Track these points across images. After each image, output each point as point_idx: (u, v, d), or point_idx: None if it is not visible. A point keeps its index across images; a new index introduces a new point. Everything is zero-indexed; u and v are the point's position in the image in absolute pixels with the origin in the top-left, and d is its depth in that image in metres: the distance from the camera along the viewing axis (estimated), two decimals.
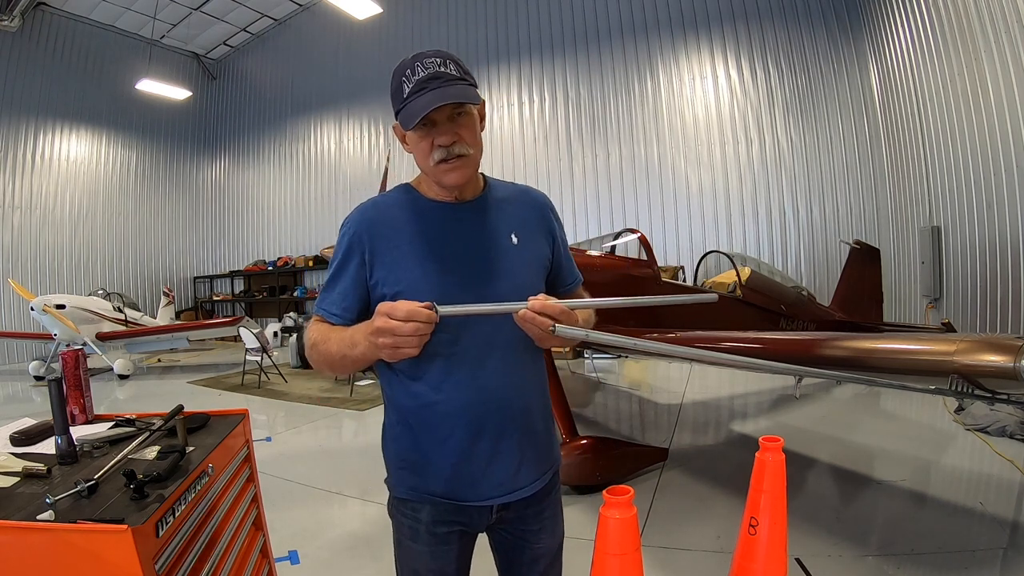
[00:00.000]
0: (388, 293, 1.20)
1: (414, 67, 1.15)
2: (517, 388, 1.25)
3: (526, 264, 1.28)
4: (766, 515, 1.87)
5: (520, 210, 1.33)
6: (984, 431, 4.46)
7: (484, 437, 1.22)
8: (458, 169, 1.19)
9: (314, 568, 2.80)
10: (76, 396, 1.66)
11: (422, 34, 12.21)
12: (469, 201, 1.28)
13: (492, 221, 1.28)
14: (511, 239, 1.27)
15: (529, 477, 1.28)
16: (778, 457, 1.90)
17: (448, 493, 1.24)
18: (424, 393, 1.22)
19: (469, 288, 1.20)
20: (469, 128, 1.18)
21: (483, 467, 1.23)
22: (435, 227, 1.24)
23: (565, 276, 1.40)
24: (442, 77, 1.13)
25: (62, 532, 0.99)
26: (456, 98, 1.13)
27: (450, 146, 1.16)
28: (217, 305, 14.59)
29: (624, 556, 1.27)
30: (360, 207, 1.29)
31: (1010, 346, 1.92)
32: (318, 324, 1.25)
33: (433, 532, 1.27)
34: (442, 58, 1.15)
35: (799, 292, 6.17)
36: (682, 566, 2.72)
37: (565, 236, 1.42)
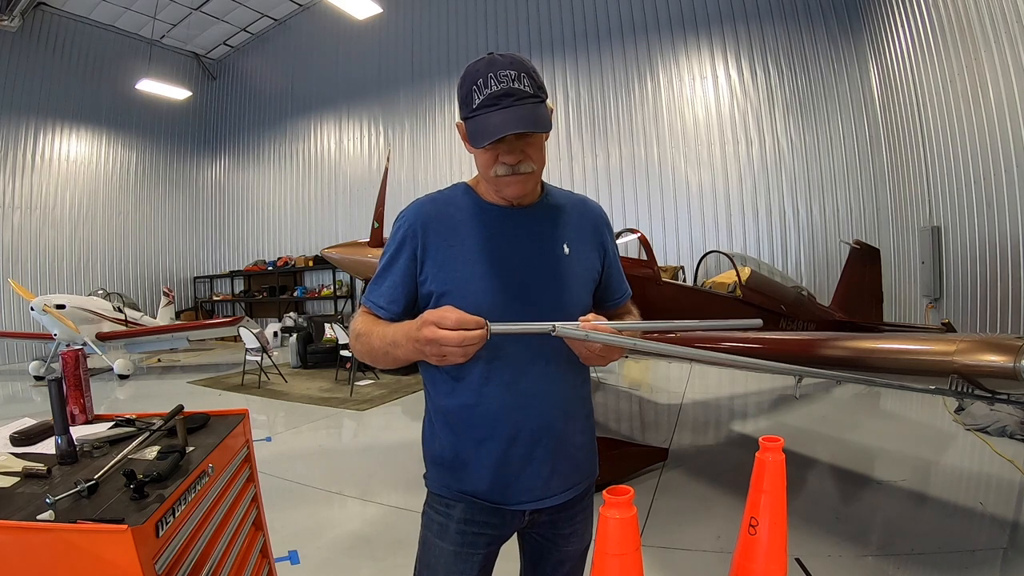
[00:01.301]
0: (436, 291, 1.20)
1: (487, 78, 1.11)
2: (558, 398, 1.25)
3: (576, 275, 1.27)
4: (766, 515, 1.87)
5: (575, 220, 1.32)
6: (984, 431, 4.46)
7: (519, 443, 1.22)
8: (519, 184, 1.19)
9: (314, 568, 2.80)
10: (76, 396, 1.66)
11: (422, 34, 12.22)
12: (526, 207, 1.27)
13: (547, 229, 1.27)
14: (564, 248, 1.26)
15: (561, 486, 1.28)
16: (778, 457, 1.90)
17: (482, 494, 1.25)
18: (465, 394, 1.22)
19: (518, 294, 1.20)
20: (536, 146, 1.17)
21: (516, 472, 1.23)
22: (490, 230, 1.23)
23: (614, 291, 1.39)
24: (515, 95, 1.10)
25: (62, 532, 0.99)
26: (528, 126, 1.10)
27: (515, 164, 1.16)
28: (217, 305, 14.59)
29: (624, 556, 1.27)
30: (417, 201, 1.27)
31: (1010, 346, 1.92)
32: (364, 316, 1.25)
33: (463, 531, 1.26)
34: (517, 70, 1.11)
35: (799, 292, 6.16)
36: (682, 566, 2.72)
37: (617, 250, 1.41)
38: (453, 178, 13.10)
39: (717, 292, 5.37)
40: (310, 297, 13.29)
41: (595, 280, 1.33)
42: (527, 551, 1.41)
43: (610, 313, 1.39)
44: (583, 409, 1.34)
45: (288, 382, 7.82)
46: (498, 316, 1.09)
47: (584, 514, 1.38)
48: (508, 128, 1.09)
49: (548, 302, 1.21)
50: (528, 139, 1.15)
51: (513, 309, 1.17)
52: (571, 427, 1.29)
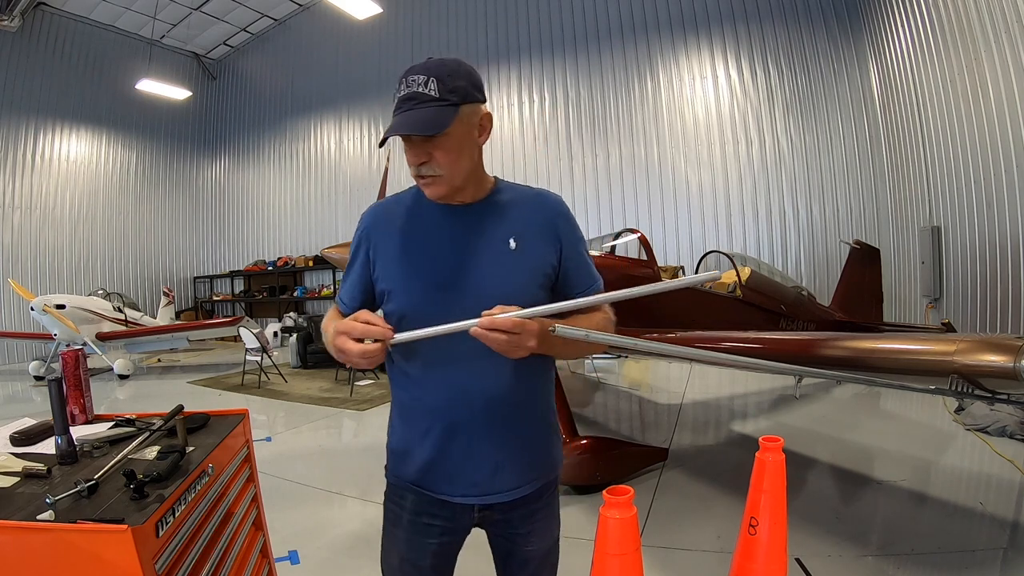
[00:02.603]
0: (383, 289, 1.28)
1: (401, 82, 1.17)
2: (500, 391, 1.23)
3: (522, 270, 1.25)
4: (766, 515, 1.87)
5: (525, 214, 1.30)
6: (984, 431, 4.46)
7: (459, 436, 1.23)
8: (430, 186, 1.22)
9: (314, 568, 2.80)
10: (76, 396, 1.66)
11: (422, 34, 12.22)
12: (471, 204, 1.28)
13: (490, 225, 1.27)
14: (509, 243, 1.25)
15: (509, 482, 1.26)
16: (778, 457, 1.90)
17: (427, 485, 1.27)
18: (411, 387, 1.28)
19: (451, 290, 1.22)
20: (443, 148, 1.17)
21: (458, 465, 1.24)
22: (426, 228, 1.27)
23: (574, 282, 1.34)
24: (416, 99, 1.14)
25: (62, 532, 0.99)
26: (408, 129, 1.14)
27: (419, 166, 1.19)
28: (217, 305, 14.58)
29: (624, 556, 1.27)
30: (373, 204, 1.37)
31: (1010, 346, 1.92)
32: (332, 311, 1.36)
33: (414, 521, 1.30)
34: (428, 75, 1.14)
35: (799, 292, 6.16)
36: (682, 566, 2.72)
37: (579, 240, 1.37)
38: None
39: (717, 292, 5.37)
40: (310, 297, 13.29)
41: (549, 274, 1.29)
42: (493, 549, 1.40)
43: None
44: (533, 406, 1.32)
45: (288, 382, 7.82)
46: (433, 311, 1.17)
47: (544, 513, 1.36)
48: (395, 131, 1.14)
49: (486, 296, 1.17)
50: (434, 142, 1.16)
51: (450, 304, 1.19)
52: (517, 422, 1.27)
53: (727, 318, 5.11)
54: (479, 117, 1.22)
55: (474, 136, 1.22)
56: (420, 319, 1.18)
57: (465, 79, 1.18)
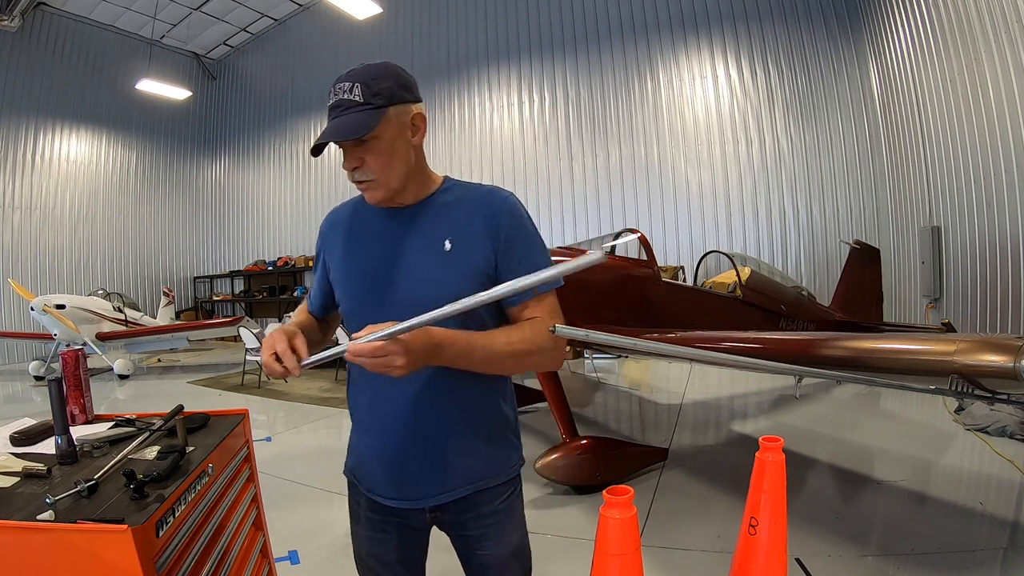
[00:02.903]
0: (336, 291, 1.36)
1: (330, 92, 1.19)
2: (427, 400, 1.22)
3: (455, 271, 1.21)
4: (766, 515, 1.87)
5: (466, 214, 1.25)
6: (984, 431, 4.46)
7: (388, 441, 1.25)
8: (367, 191, 1.24)
9: (314, 568, 2.80)
10: (76, 396, 1.66)
11: (422, 34, 12.22)
12: (411, 206, 1.28)
13: (426, 226, 1.25)
14: (445, 245, 1.22)
15: (438, 487, 1.25)
16: (778, 457, 1.90)
17: (368, 486, 1.31)
18: (353, 390, 1.34)
19: (385, 292, 1.24)
20: (375, 152, 1.17)
21: (393, 469, 1.27)
22: (365, 231, 1.31)
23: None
24: (341, 106, 1.16)
25: (62, 532, 0.99)
26: (333, 136, 1.14)
27: (352, 171, 1.20)
28: (217, 305, 14.58)
29: (624, 556, 1.27)
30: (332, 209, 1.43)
31: (1010, 346, 1.92)
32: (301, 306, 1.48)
33: (370, 518, 1.34)
34: (352, 81, 1.16)
35: (799, 292, 6.16)
36: (682, 566, 2.72)
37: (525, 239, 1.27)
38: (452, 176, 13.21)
39: (717, 292, 5.37)
40: None
41: (487, 274, 1.22)
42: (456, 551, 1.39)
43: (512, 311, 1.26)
44: (469, 411, 1.27)
45: (288, 382, 7.82)
46: (369, 313, 1.19)
47: (496, 518, 1.31)
48: (321, 138, 1.16)
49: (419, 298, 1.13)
50: (366, 145, 1.17)
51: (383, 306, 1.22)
52: (446, 430, 1.24)
53: (727, 318, 5.11)
54: (410, 117, 1.21)
55: (407, 137, 1.21)
56: (359, 320, 1.22)
57: (391, 80, 1.18)
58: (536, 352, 1.22)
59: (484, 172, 11.41)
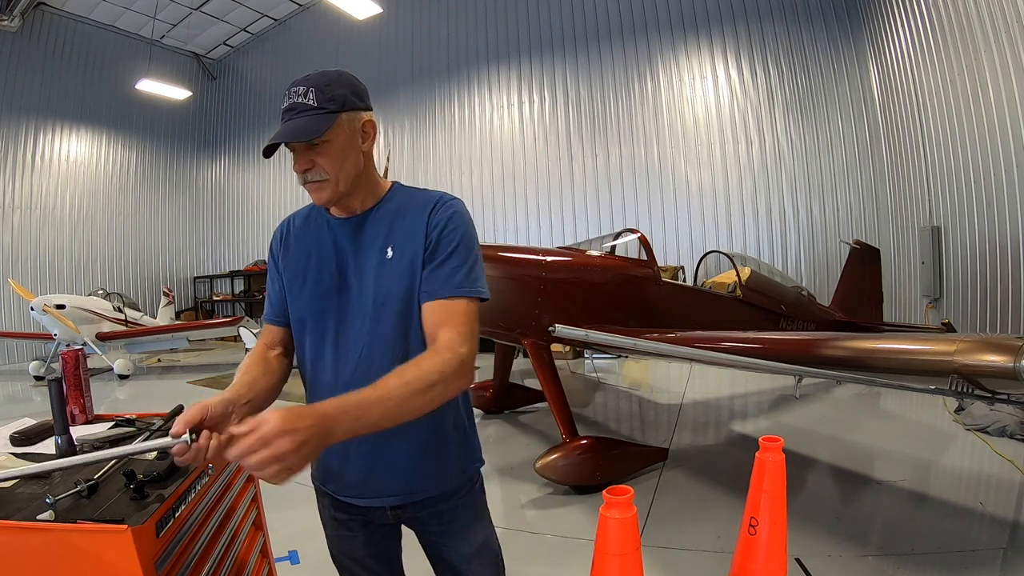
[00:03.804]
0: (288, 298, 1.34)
1: (285, 95, 1.20)
2: None
3: (396, 277, 1.23)
4: (766, 515, 1.87)
5: (408, 220, 1.26)
6: (984, 431, 4.46)
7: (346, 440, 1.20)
8: (316, 191, 1.23)
9: (314, 568, 2.80)
10: (76, 396, 1.66)
11: (422, 34, 12.22)
12: (359, 214, 1.30)
13: (369, 235, 1.28)
14: (387, 252, 1.25)
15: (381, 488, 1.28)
16: (778, 457, 1.90)
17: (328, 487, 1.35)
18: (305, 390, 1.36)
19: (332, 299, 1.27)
20: (326, 155, 1.19)
21: (336, 468, 1.31)
22: (316, 239, 1.32)
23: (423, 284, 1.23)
24: (294, 109, 1.17)
25: (62, 532, 0.99)
26: (287, 137, 1.15)
27: (303, 173, 1.21)
28: (217, 305, 14.58)
29: (624, 556, 1.27)
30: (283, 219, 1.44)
31: (1010, 346, 1.92)
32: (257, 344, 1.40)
33: (334, 518, 1.39)
34: (307, 86, 1.18)
35: (799, 292, 6.17)
36: (682, 566, 2.72)
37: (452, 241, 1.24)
38: (452, 177, 13.03)
39: (717, 292, 5.37)
40: None
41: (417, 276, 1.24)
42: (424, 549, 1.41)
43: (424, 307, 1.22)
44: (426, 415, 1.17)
45: (288, 382, 7.81)
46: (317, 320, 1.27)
47: (455, 515, 1.33)
48: (275, 139, 1.16)
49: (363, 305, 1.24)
50: (317, 149, 1.18)
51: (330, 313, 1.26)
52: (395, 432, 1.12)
53: (727, 318, 5.12)
54: (360, 123, 1.23)
55: (357, 143, 1.23)
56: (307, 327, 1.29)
57: (346, 88, 1.21)
58: (441, 383, 1.09)
59: (484, 172, 11.41)
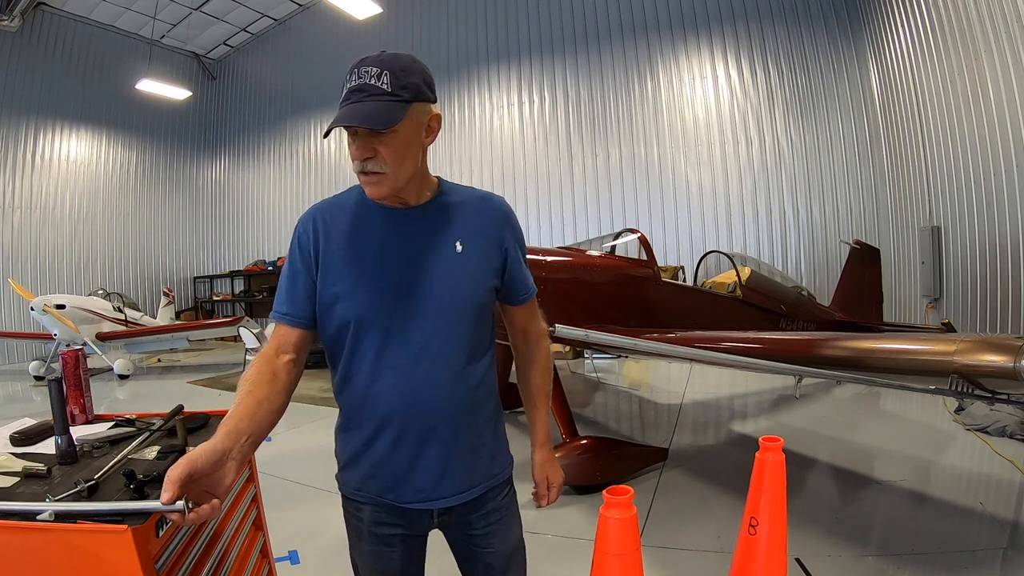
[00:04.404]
0: (326, 296, 1.21)
1: (352, 72, 1.12)
2: (446, 400, 1.21)
3: (469, 273, 1.24)
4: (766, 515, 1.87)
5: (471, 217, 1.27)
6: (984, 431, 4.46)
7: (404, 444, 1.21)
8: (373, 185, 1.16)
9: (314, 568, 2.80)
10: (76, 396, 1.66)
11: (422, 34, 12.22)
12: (417, 207, 1.24)
13: (437, 228, 1.24)
14: (456, 247, 1.23)
15: (453, 488, 1.25)
16: (778, 457, 1.90)
17: (379, 493, 1.26)
18: (355, 394, 1.24)
19: (401, 295, 1.19)
20: (390, 146, 1.12)
21: (404, 473, 1.23)
22: (375, 231, 1.22)
23: (514, 291, 1.34)
24: (365, 91, 1.09)
25: (62, 532, 0.99)
26: (357, 121, 1.08)
27: (363, 161, 1.14)
28: (217, 305, 14.58)
29: (624, 556, 1.27)
30: (311, 206, 1.30)
31: (1010, 346, 1.92)
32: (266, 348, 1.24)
33: (374, 532, 1.28)
34: (380, 68, 1.10)
35: (799, 292, 6.17)
36: (682, 566, 2.72)
37: (522, 247, 1.36)
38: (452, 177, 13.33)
39: (717, 292, 5.37)
40: None
41: (495, 277, 1.28)
42: (455, 553, 1.38)
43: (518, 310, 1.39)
44: (481, 410, 1.29)
45: None
46: (383, 318, 1.17)
47: (500, 514, 1.34)
48: (342, 121, 1.09)
49: (435, 301, 1.19)
50: (382, 138, 1.11)
51: (399, 310, 1.18)
52: (464, 430, 1.25)
53: (727, 318, 5.11)
54: (428, 117, 1.18)
55: (421, 136, 1.18)
56: (369, 326, 1.18)
57: (419, 76, 1.14)
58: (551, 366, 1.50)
59: (484, 172, 11.41)
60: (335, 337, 1.23)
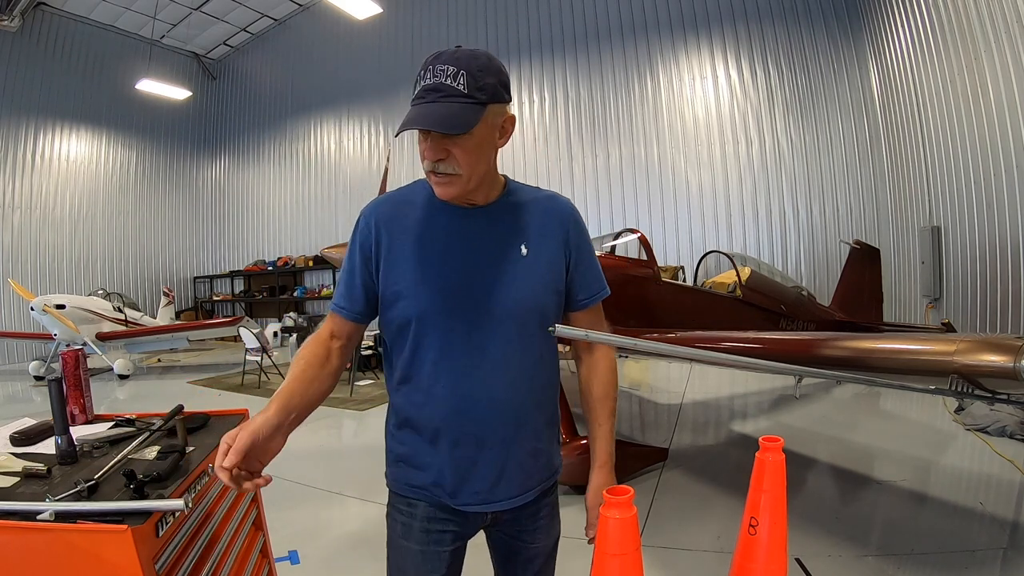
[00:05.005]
0: (387, 291, 1.20)
1: (427, 70, 1.09)
2: (506, 404, 1.21)
3: (535, 276, 1.22)
4: (766, 515, 1.87)
5: (537, 219, 1.26)
6: (984, 431, 4.46)
7: (463, 446, 1.20)
8: (443, 186, 1.14)
9: (314, 568, 2.80)
10: (76, 396, 1.66)
11: (422, 34, 12.22)
12: (482, 206, 1.22)
13: (503, 229, 1.22)
14: (521, 249, 1.22)
15: (510, 491, 1.25)
16: (778, 457, 1.90)
17: (438, 493, 1.24)
18: (413, 395, 1.22)
19: (466, 296, 1.17)
20: (464, 148, 1.10)
21: (464, 475, 1.21)
22: (440, 229, 1.20)
23: (579, 290, 1.32)
24: (441, 91, 1.06)
25: (62, 532, 0.99)
26: (432, 124, 1.06)
27: (435, 162, 1.12)
28: (217, 305, 14.58)
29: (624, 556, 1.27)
30: (375, 200, 1.28)
31: (1010, 346, 1.92)
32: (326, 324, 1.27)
33: (427, 529, 1.26)
34: (458, 67, 1.07)
35: (799, 292, 6.16)
36: (682, 566, 2.72)
37: (589, 247, 1.34)
38: None
39: (717, 292, 5.37)
40: (310, 297, 13.29)
41: (560, 279, 1.27)
42: (495, 549, 1.38)
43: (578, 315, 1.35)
44: (541, 415, 1.30)
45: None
46: (445, 317, 1.16)
47: (548, 511, 1.36)
48: (416, 123, 1.06)
49: (498, 304, 1.18)
50: (454, 139, 1.09)
51: (462, 311, 1.17)
52: (522, 434, 1.24)
53: (727, 318, 5.11)
54: (503, 119, 1.17)
55: (495, 138, 1.16)
56: (431, 325, 1.17)
57: (495, 77, 1.11)
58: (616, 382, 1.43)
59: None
60: (396, 335, 1.22)
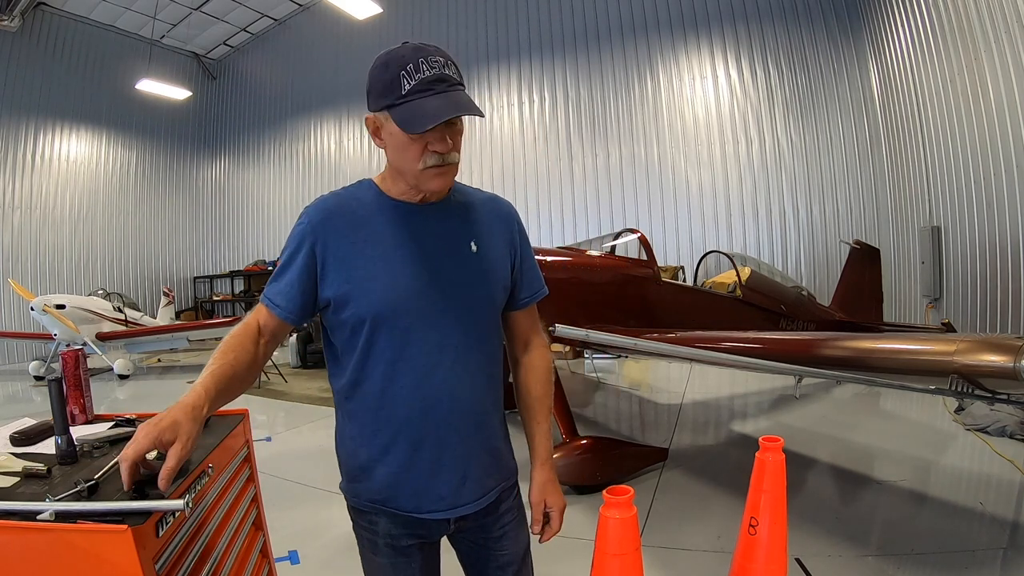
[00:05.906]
0: (337, 292, 1.14)
1: (417, 63, 1.07)
2: (468, 400, 1.19)
3: (483, 274, 1.23)
4: (766, 515, 1.87)
5: (484, 217, 1.27)
6: (984, 431, 4.46)
7: (425, 449, 1.17)
8: (445, 176, 1.15)
9: (314, 568, 2.80)
10: (76, 396, 1.66)
11: (422, 34, 12.21)
12: (434, 204, 1.22)
13: (453, 226, 1.22)
14: (471, 246, 1.22)
15: (474, 493, 1.22)
16: (778, 457, 1.90)
17: (395, 504, 1.20)
18: (369, 396, 1.18)
19: (419, 294, 1.15)
20: (460, 136, 1.15)
21: (425, 481, 1.18)
22: (394, 226, 1.17)
23: (520, 290, 1.32)
24: (448, 81, 1.08)
25: (62, 532, 0.99)
26: (467, 110, 1.08)
27: (446, 154, 1.12)
28: (217, 305, 14.58)
29: (624, 556, 1.27)
30: (320, 198, 1.22)
31: (1010, 346, 1.92)
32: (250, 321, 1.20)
33: (392, 545, 1.23)
34: (444, 58, 1.10)
35: (799, 292, 6.16)
36: (682, 566, 2.72)
37: (528, 249, 1.35)
38: None
39: (717, 292, 5.37)
40: None
41: (507, 277, 1.28)
42: (463, 558, 1.35)
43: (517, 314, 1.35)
44: (497, 413, 1.29)
45: (288, 382, 7.82)
46: (402, 317, 1.13)
47: (512, 515, 1.32)
48: (451, 112, 1.06)
49: (456, 301, 1.18)
50: (455, 129, 1.12)
51: (418, 309, 1.15)
52: (483, 433, 1.23)
53: (727, 318, 5.11)
54: None
55: None
56: (387, 324, 1.13)
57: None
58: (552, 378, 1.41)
59: (484, 172, 11.41)
60: (349, 337, 1.17)
